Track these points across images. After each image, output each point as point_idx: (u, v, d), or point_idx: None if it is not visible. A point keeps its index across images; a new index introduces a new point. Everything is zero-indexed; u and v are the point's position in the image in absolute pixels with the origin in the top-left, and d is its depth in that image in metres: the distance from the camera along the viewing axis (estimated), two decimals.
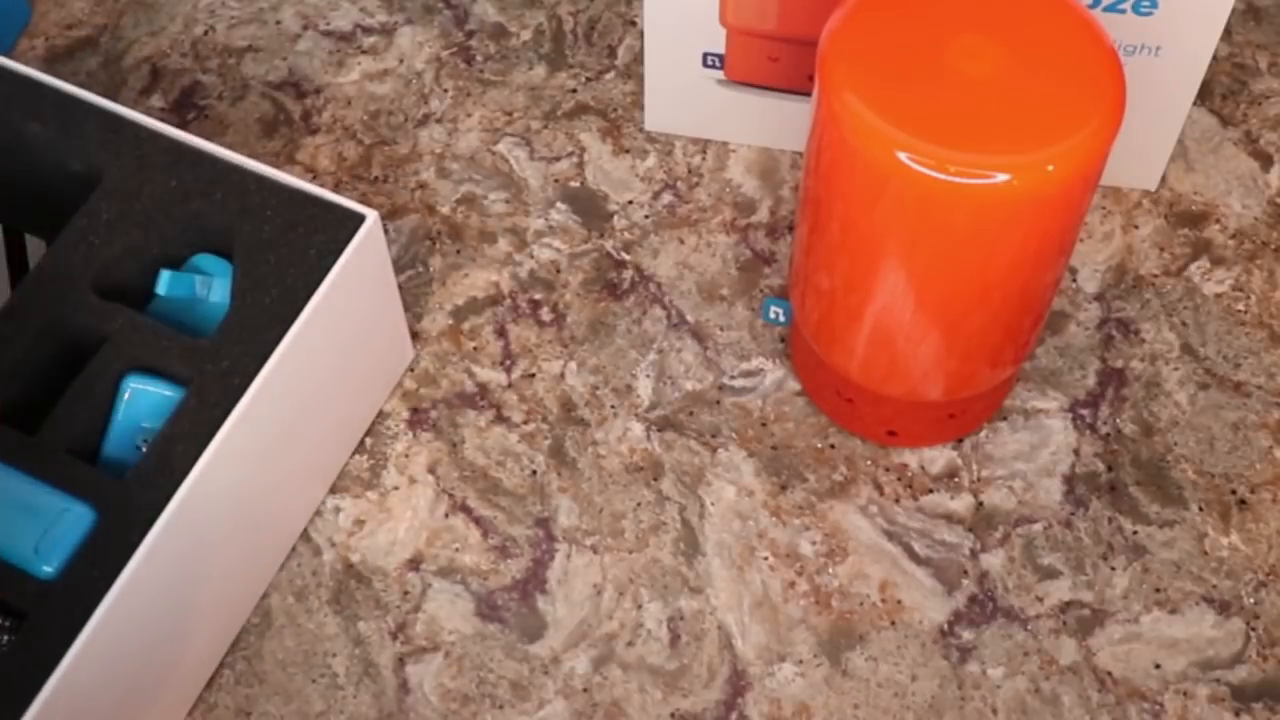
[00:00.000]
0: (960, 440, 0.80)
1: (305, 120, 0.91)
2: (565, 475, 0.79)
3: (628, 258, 0.86)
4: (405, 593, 0.76)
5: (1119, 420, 0.80)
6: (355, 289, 0.73)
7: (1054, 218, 0.64)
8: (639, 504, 0.78)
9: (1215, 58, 0.91)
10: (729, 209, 0.87)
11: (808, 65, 0.81)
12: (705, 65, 0.85)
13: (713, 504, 0.78)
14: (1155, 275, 0.85)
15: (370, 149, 0.90)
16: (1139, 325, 0.83)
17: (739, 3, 0.81)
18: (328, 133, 0.91)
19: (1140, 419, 0.80)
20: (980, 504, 0.78)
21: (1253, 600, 0.75)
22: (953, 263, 0.65)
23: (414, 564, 0.77)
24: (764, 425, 0.80)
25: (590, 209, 0.88)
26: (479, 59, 0.94)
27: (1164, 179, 0.88)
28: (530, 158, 0.90)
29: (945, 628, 0.75)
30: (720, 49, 0.84)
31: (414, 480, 0.79)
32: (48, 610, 0.63)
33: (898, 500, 0.78)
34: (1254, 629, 0.75)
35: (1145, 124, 0.80)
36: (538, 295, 0.85)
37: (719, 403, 0.81)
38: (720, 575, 0.76)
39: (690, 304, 0.84)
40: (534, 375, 0.82)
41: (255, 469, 0.71)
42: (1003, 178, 0.60)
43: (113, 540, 0.64)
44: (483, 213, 0.88)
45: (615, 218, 0.87)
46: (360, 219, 0.72)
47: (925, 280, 0.67)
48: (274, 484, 0.73)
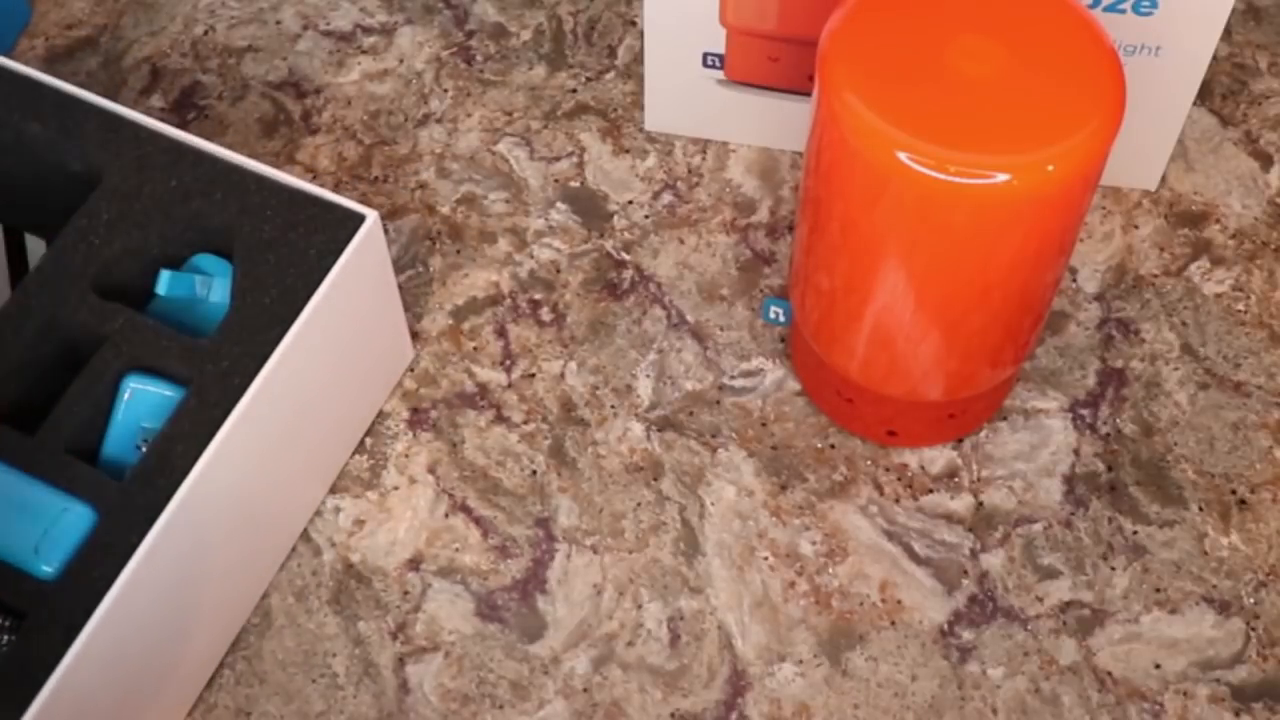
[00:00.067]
0: (960, 440, 0.80)
1: (305, 120, 0.91)
2: (565, 475, 0.79)
3: (628, 258, 0.86)
4: (405, 593, 0.76)
5: (1119, 420, 0.80)
6: (355, 289, 0.73)
7: (1054, 218, 0.64)
8: (639, 504, 0.78)
9: (1215, 58, 0.91)
10: (729, 209, 0.87)
11: (808, 65, 0.81)
12: (705, 65, 0.85)
13: (713, 504, 0.78)
14: (1155, 275, 0.85)
15: (370, 149, 0.90)
16: (1139, 325, 0.83)
17: (739, 3, 0.81)
18: (328, 133, 0.91)
19: (1140, 419, 0.80)
20: (980, 504, 0.78)
21: (1253, 600, 0.75)
22: (953, 263, 0.65)
23: (414, 564, 0.77)
24: (764, 425, 0.80)
25: (590, 209, 0.88)
26: (479, 59, 0.94)
27: (1164, 179, 0.88)
28: (530, 158, 0.89)
29: (945, 628, 0.75)
30: (720, 49, 0.84)
31: (414, 480, 0.79)
32: (48, 610, 0.63)
33: (898, 500, 0.78)
34: (1254, 629, 0.75)
35: (1145, 124, 0.80)
36: (538, 295, 0.85)
37: (719, 403, 0.81)
38: (720, 575, 0.76)
39: (690, 304, 0.84)
40: (534, 375, 0.82)
41: (255, 469, 0.71)
42: (1003, 178, 0.60)
43: (113, 540, 0.64)
44: (483, 213, 0.88)
45: (615, 218, 0.87)
46: (360, 219, 0.72)
47: (925, 280, 0.67)
48: (274, 484, 0.73)
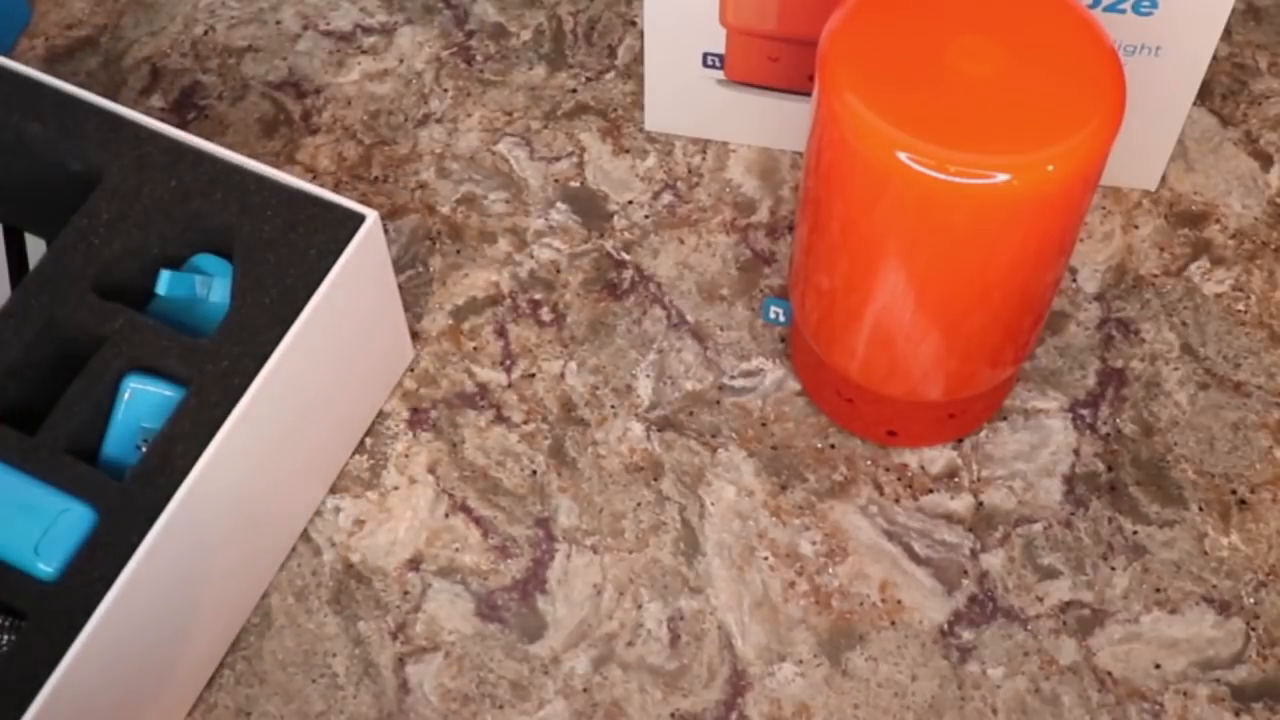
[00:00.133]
0: (960, 440, 0.80)
1: (305, 120, 0.91)
2: (565, 475, 0.79)
3: (628, 258, 0.86)
4: (405, 593, 0.76)
5: (1119, 420, 0.80)
6: (355, 289, 0.73)
7: (1054, 218, 0.64)
8: (639, 504, 0.78)
9: (1215, 58, 0.91)
10: (729, 209, 0.87)
11: (808, 65, 0.81)
12: (705, 65, 0.85)
13: (713, 504, 0.78)
14: (1155, 275, 0.85)
15: (370, 149, 0.90)
16: (1139, 325, 0.83)
17: (739, 3, 0.81)
18: (328, 133, 0.91)
19: (1140, 419, 0.80)
20: (980, 504, 0.78)
21: (1253, 600, 0.75)
22: (953, 263, 0.65)
23: (414, 564, 0.77)
24: (764, 425, 0.80)
25: (590, 209, 0.88)
26: (479, 59, 0.94)
27: (1164, 179, 0.88)
28: (530, 158, 0.89)
29: (945, 628, 0.75)
30: (720, 49, 0.84)
31: (414, 480, 0.79)
32: (48, 610, 0.63)
33: (898, 500, 0.78)
34: (1254, 629, 0.75)
35: (1145, 124, 0.80)
36: (538, 295, 0.85)
37: (719, 403, 0.81)
38: (720, 575, 0.76)
39: (690, 304, 0.84)
40: (534, 375, 0.82)
41: (255, 469, 0.71)
42: (1003, 178, 0.60)
43: (113, 540, 0.64)
44: (483, 213, 0.88)
45: (615, 218, 0.87)
46: (360, 219, 0.72)
47: (925, 280, 0.67)
48: (274, 484, 0.73)
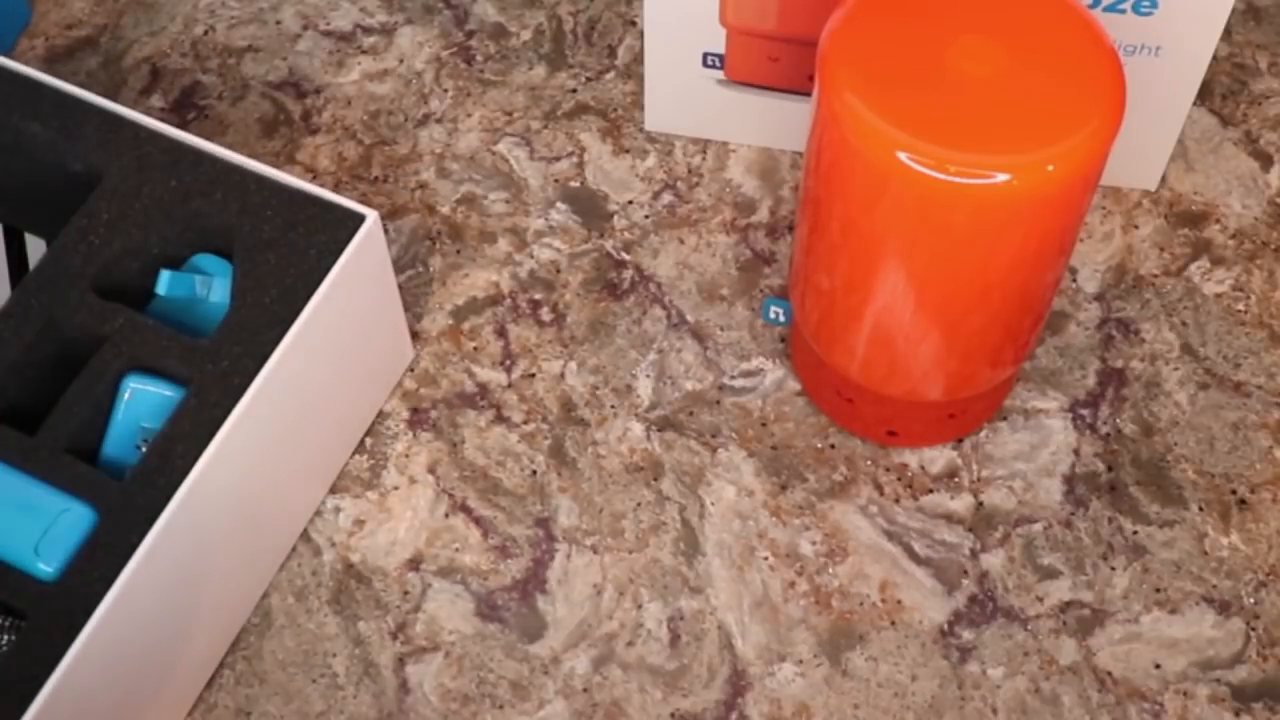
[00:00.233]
0: (960, 440, 0.80)
1: (305, 120, 0.91)
2: (565, 475, 0.79)
3: (628, 258, 0.86)
4: (405, 593, 0.76)
5: (1119, 420, 0.80)
6: (355, 289, 0.73)
7: (1054, 218, 0.64)
8: (639, 504, 0.78)
9: (1215, 58, 0.91)
10: (729, 209, 0.87)
11: (808, 65, 0.81)
12: (705, 65, 0.85)
13: (713, 504, 0.78)
14: (1155, 275, 0.85)
15: (370, 149, 0.90)
16: (1139, 325, 0.83)
17: (739, 3, 0.81)
18: (328, 133, 0.91)
19: (1140, 419, 0.80)
20: (980, 504, 0.78)
21: (1253, 600, 0.75)
22: (953, 263, 0.65)
23: (414, 564, 0.77)
24: (764, 425, 0.80)
25: (590, 209, 0.88)
26: (479, 59, 0.94)
27: (1164, 179, 0.88)
28: (530, 158, 0.89)
29: (945, 628, 0.75)
30: (720, 49, 0.84)
31: (414, 480, 0.79)
32: (48, 610, 0.63)
33: (898, 500, 0.78)
34: (1254, 629, 0.75)
35: (1145, 124, 0.80)
36: (538, 295, 0.85)
37: (719, 403, 0.81)
38: (720, 575, 0.76)
39: (690, 304, 0.84)
40: (534, 375, 0.82)
41: (255, 469, 0.71)
42: (1003, 178, 0.60)
43: (113, 540, 0.64)
44: (483, 213, 0.88)
45: (615, 218, 0.87)
46: (360, 219, 0.72)
47: (925, 280, 0.67)
48: (274, 484, 0.73)
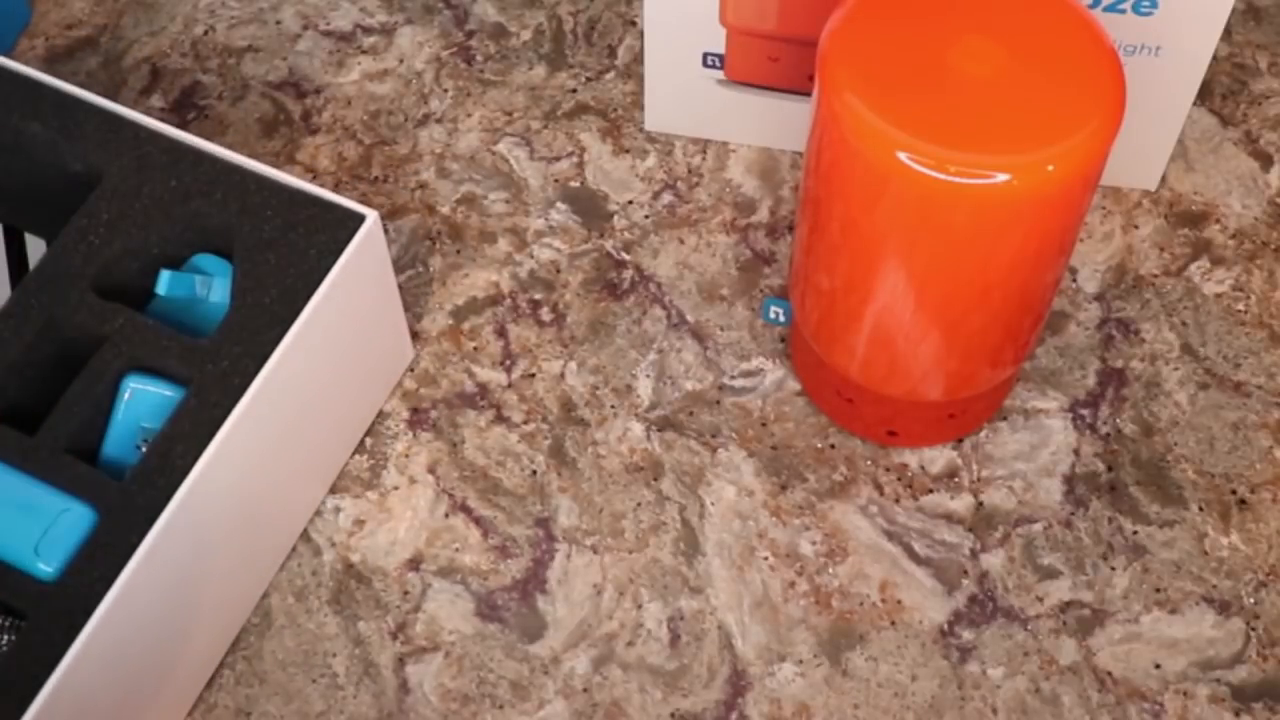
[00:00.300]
0: (960, 440, 0.80)
1: (305, 120, 0.91)
2: (565, 475, 0.79)
3: (628, 258, 0.86)
4: (405, 593, 0.76)
5: (1119, 420, 0.80)
6: (355, 289, 0.73)
7: (1054, 218, 0.64)
8: (639, 504, 0.78)
9: (1215, 58, 0.91)
10: (729, 209, 0.87)
11: (808, 65, 0.81)
12: (705, 65, 0.85)
13: (713, 504, 0.78)
14: (1155, 275, 0.85)
15: (370, 149, 0.90)
16: (1139, 325, 0.83)
17: (739, 3, 0.81)
18: (328, 133, 0.91)
19: (1140, 419, 0.80)
20: (980, 504, 0.78)
21: (1253, 600, 0.75)
22: (953, 263, 0.65)
23: (414, 564, 0.77)
24: (764, 425, 0.80)
25: (590, 209, 0.88)
26: (479, 59, 0.94)
27: (1164, 179, 0.88)
28: (530, 158, 0.89)
29: (945, 628, 0.75)
30: (720, 49, 0.84)
31: (414, 480, 0.79)
32: (48, 610, 0.63)
33: (898, 500, 0.78)
34: (1254, 629, 0.75)
35: (1145, 124, 0.80)
36: (538, 295, 0.85)
37: (719, 403, 0.81)
38: (720, 575, 0.76)
39: (690, 304, 0.84)
40: (534, 375, 0.82)
41: (255, 469, 0.71)
42: (1003, 178, 0.60)
43: (113, 540, 0.64)
44: (483, 213, 0.88)
45: (615, 218, 0.87)
46: (360, 219, 0.72)
47: (925, 280, 0.67)
48: (274, 484, 0.73)
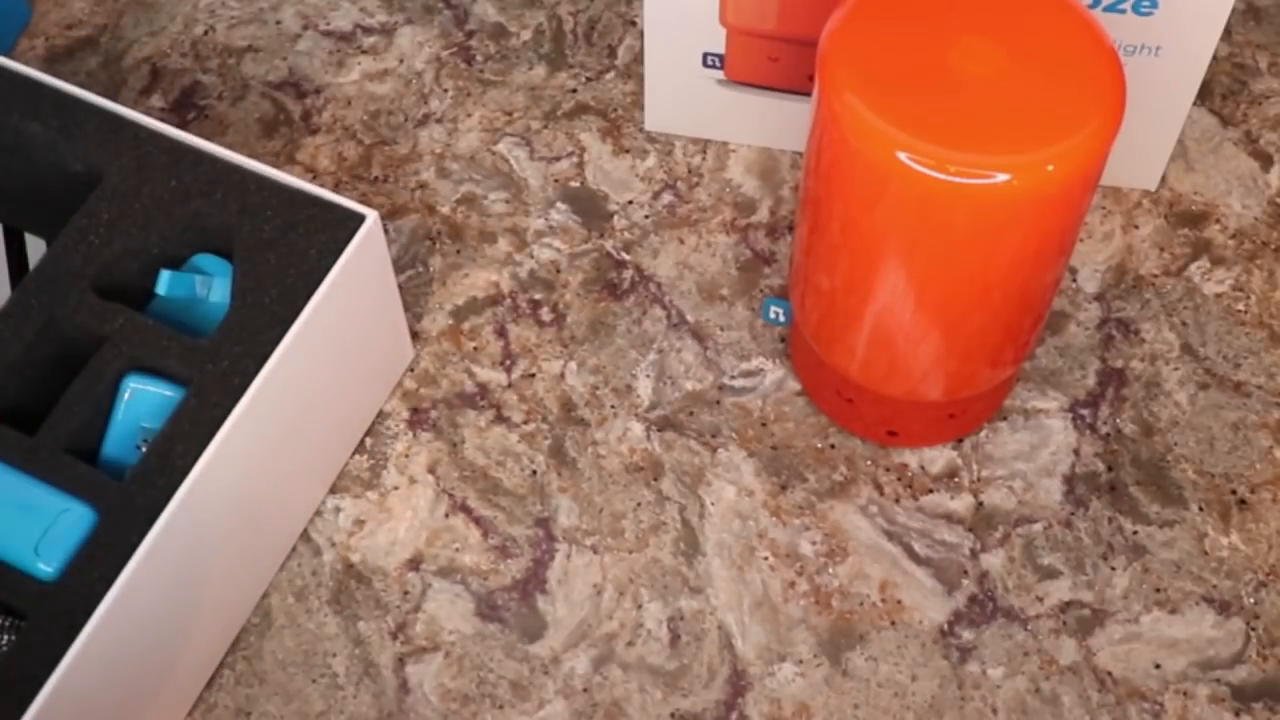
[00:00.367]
0: (960, 440, 0.80)
1: (305, 120, 0.91)
2: (565, 475, 0.79)
3: (628, 258, 0.86)
4: (405, 593, 0.76)
5: (1119, 420, 0.80)
6: (355, 289, 0.73)
7: (1054, 218, 0.64)
8: (639, 504, 0.78)
9: (1215, 58, 0.91)
10: (729, 209, 0.87)
11: (808, 65, 0.81)
12: (705, 65, 0.85)
13: (713, 504, 0.78)
14: (1155, 275, 0.85)
15: (370, 149, 0.90)
16: (1139, 325, 0.83)
17: (739, 3, 0.81)
18: (328, 133, 0.91)
19: (1140, 419, 0.80)
20: (980, 504, 0.78)
21: (1253, 600, 0.75)
22: (953, 263, 0.65)
23: (414, 564, 0.77)
24: (764, 425, 0.80)
25: (590, 209, 0.88)
26: (479, 59, 0.94)
27: (1164, 179, 0.88)
28: (530, 158, 0.89)
29: (945, 628, 0.75)
30: (720, 49, 0.84)
31: (414, 480, 0.79)
32: (48, 610, 0.63)
33: (898, 500, 0.78)
34: (1254, 629, 0.75)
35: (1145, 124, 0.80)
36: (538, 295, 0.85)
37: (719, 403, 0.81)
38: (720, 575, 0.76)
39: (690, 304, 0.84)
40: (534, 375, 0.82)
41: (255, 469, 0.71)
42: (1003, 178, 0.60)
43: (113, 540, 0.64)
44: (483, 213, 0.88)
45: (615, 218, 0.87)
46: (360, 219, 0.72)
47: (925, 280, 0.67)
48: (274, 484, 0.73)
